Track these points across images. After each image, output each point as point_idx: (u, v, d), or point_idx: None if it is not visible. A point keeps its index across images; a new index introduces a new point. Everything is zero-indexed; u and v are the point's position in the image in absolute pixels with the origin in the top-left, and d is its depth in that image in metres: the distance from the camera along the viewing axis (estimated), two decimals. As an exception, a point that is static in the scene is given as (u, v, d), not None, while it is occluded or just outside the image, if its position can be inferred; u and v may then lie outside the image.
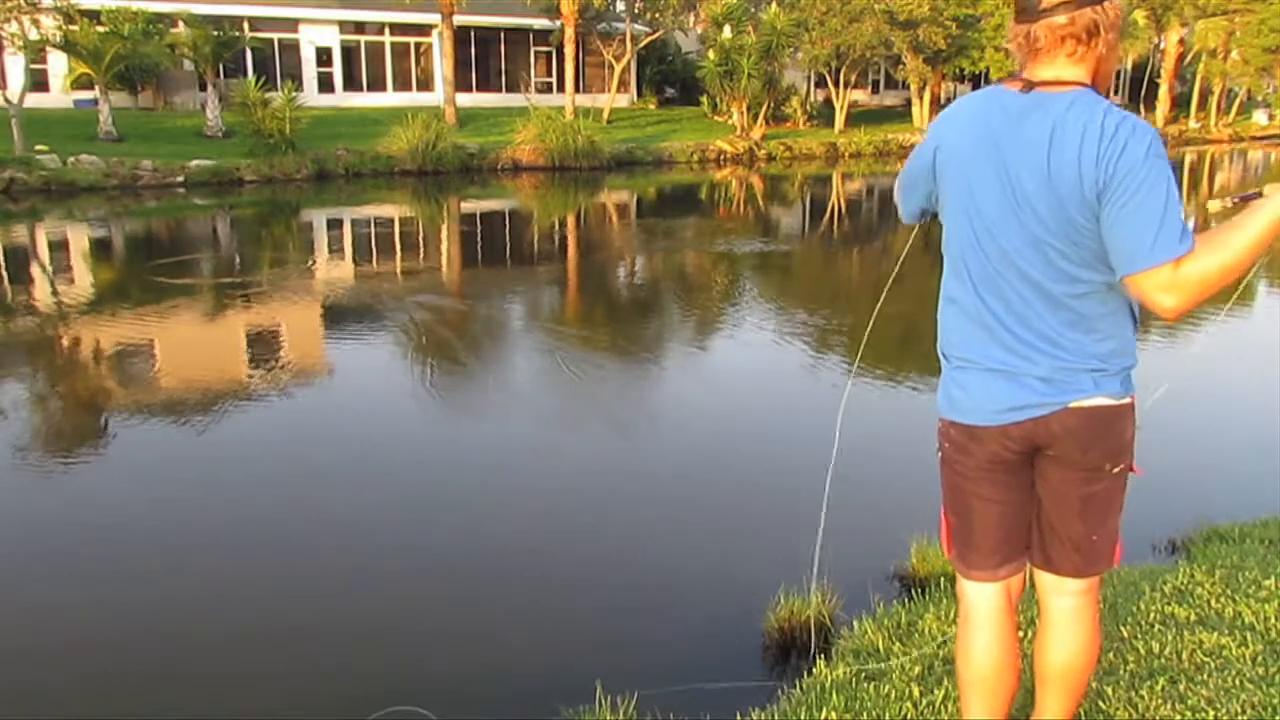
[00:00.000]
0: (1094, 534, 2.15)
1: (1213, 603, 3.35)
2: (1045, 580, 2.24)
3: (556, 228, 17.62)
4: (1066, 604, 2.22)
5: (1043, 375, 2.03)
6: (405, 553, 4.59)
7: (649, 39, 31.50)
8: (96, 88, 22.19)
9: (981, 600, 2.23)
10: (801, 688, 3.05)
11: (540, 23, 30.93)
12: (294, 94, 22.89)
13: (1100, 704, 2.71)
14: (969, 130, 2.05)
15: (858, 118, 34.20)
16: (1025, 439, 2.08)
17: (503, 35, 33.07)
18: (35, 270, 12.66)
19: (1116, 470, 2.11)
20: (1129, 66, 44.38)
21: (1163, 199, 1.82)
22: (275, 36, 29.17)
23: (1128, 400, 2.07)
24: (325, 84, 30.14)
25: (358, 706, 3.39)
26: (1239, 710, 2.65)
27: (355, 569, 4.41)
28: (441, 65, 28.43)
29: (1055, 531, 2.17)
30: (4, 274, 12.23)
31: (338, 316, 9.83)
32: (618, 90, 31.34)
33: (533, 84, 33.06)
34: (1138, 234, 1.83)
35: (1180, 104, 41.20)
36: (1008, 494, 2.16)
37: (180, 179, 20.56)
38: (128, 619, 4.01)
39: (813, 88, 36.59)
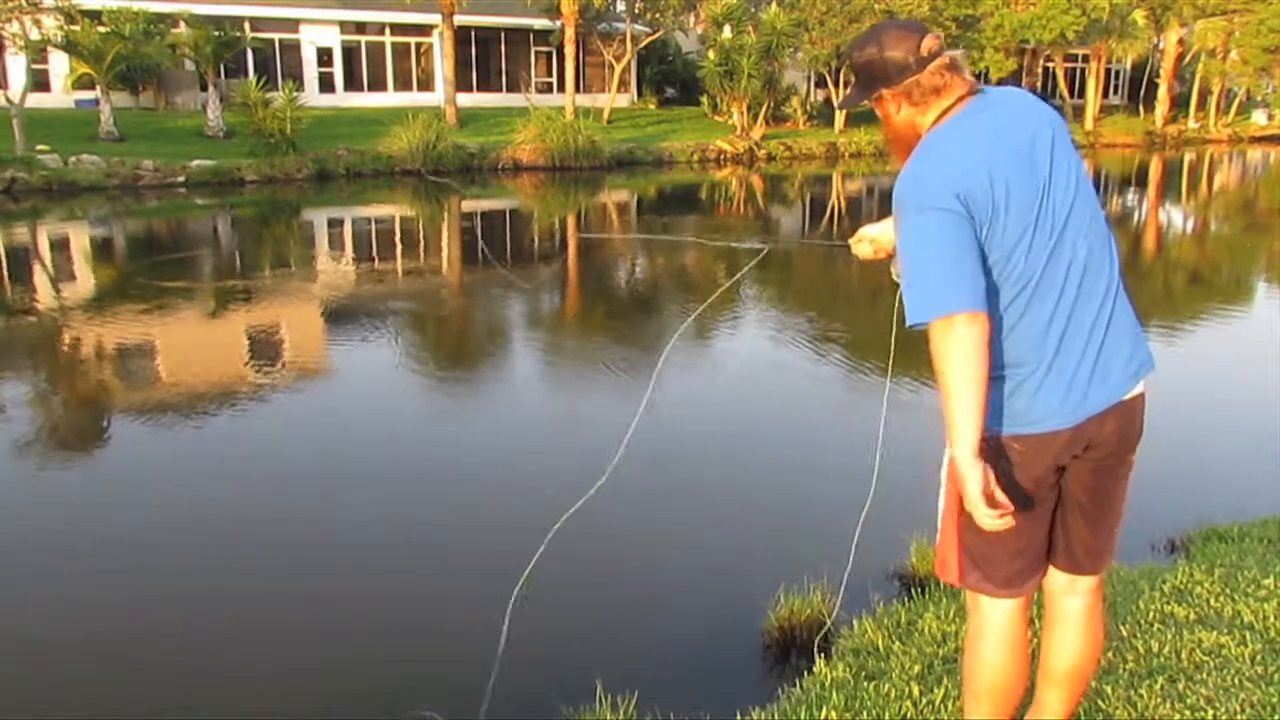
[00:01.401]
0: (1116, 526, 2.20)
1: (1212, 602, 3.36)
2: (1059, 581, 2.24)
3: (557, 227, 17.62)
4: (1080, 604, 2.23)
5: (1120, 352, 2.07)
6: (405, 553, 4.60)
7: (649, 39, 31.49)
8: (98, 88, 22.20)
9: (1003, 615, 2.20)
10: (801, 688, 3.06)
11: (540, 23, 30.92)
12: (295, 94, 22.87)
13: (1100, 703, 2.72)
14: (984, 145, 2.01)
15: (858, 117, 34.13)
16: (1088, 438, 2.07)
17: (503, 35, 33.07)
18: (35, 270, 12.66)
19: (1133, 459, 2.18)
20: (1129, 66, 44.37)
21: None
22: (276, 37, 29.17)
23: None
24: (326, 84, 30.15)
25: (359, 706, 3.41)
26: (1238, 709, 2.66)
27: (355, 570, 4.42)
28: (442, 65, 28.43)
29: (1083, 526, 2.17)
30: (4, 273, 12.23)
31: (338, 317, 9.84)
32: (618, 90, 31.33)
33: (533, 84, 33.06)
34: None
35: (1179, 104, 41.15)
36: (1048, 506, 2.16)
37: (181, 179, 20.57)
38: (128, 619, 4.01)
39: (813, 88, 36.57)
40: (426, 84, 31.84)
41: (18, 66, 22.31)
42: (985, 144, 2.01)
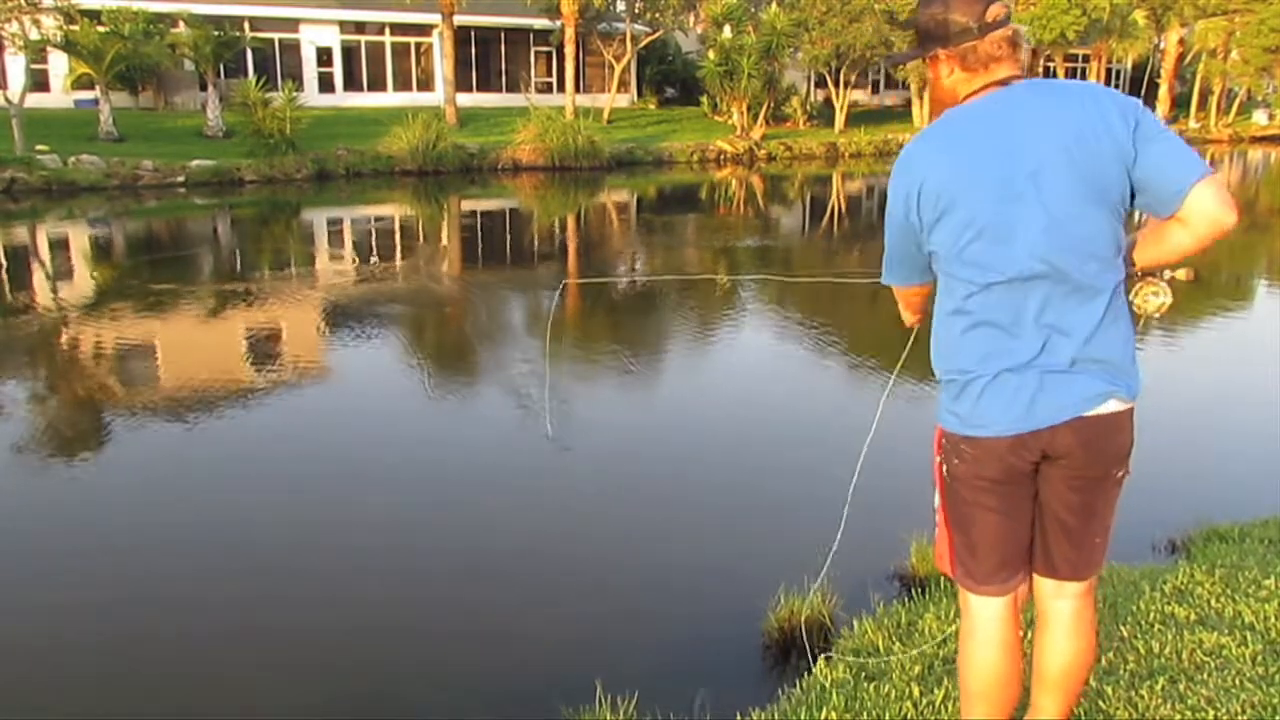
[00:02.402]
0: (1097, 537, 2.18)
1: (1213, 602, 3.36)
2: (1046, 585, 2.23)
3: (557, 228, 17.62)
4: (1067, 607, 2.23)
5: (1085, 374, 2.03)
6: (406, 554, 4.59)
7: (649, 39, 31.49)
8: (97, 88, 22.20)
9: (989, 613, 2.20)
10: (801, 688, 3.05)
11: (540, 23, 30.93)
12: (294, 94, 22.89)
13: (1100, 704, 2.71)
14: (971, 142, 2.01)
15: (858, 118, 34.20)
16: (1040, 448, 2.06)
17: (503, 35, 33.07)
18: (33, 270, 12.65)
19: (1121, 475, 2.14)
20: (1129, 66, 44.40)
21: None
22: (276, 36, 29.17)
23: (1133, 404, 2.10)
24: (325, 84, 30.14)
25: (359, 706, 3.40)
26: (1239, 710, 2.65)
27: (356, 570, 4.41)
28: (442, 65, 28.44)
29: (1061, 537, 2.16)
30: (3, 274, 12.23)
31: (336, 318, 9.82)
32: (618, 90, 31.33)
33: (533, 84, 33.06)
34: (1176, 162, 1.96)
35: (1180, 104, 41.17)
36: (1019, 506, 2.15)
37: (181, 179, 20.57)
38: (129, 619, 4.01)
39: (813, 88, 36.59)
40: (426, 84, 31.83)
41: (17, 66, 22.32)
42: (970, 143, 2.02)
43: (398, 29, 31.24)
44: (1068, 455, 2.07)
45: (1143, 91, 41.81)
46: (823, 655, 3.26)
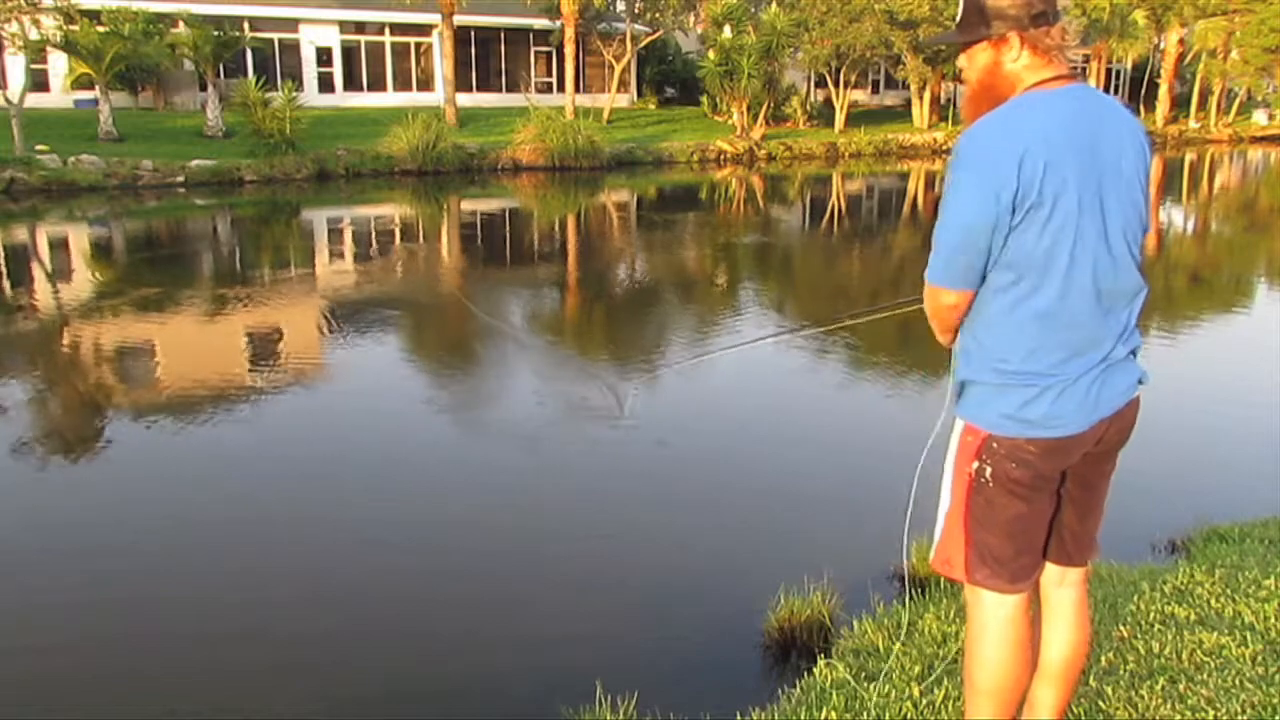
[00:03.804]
0: (1101, 517, 2.25)
1: (1213, 602, 3.35)
2: (1051, 574, 2.26)
3: (557, 227, 17.62)
4: (1071, 595, 2.26)
5: (1129, 363, 2.12)
6: (406, 554, 4.59)
7: (649, 39, 31.49)
8: (97, 88, 22.21)
9: (1006, 610, 2.19)
10: (801, 688, 3.05)
11: (540, 23, 30.94)
12: (294, 94, 22.89)
13: (1100, 704, 2.71)
14: (1061, 134, 1.95)
15: (858, 118, 34.19)
16: (1095, 439, 2.10)
17: (503, 35, 33.07)
18: (34, 270, 12.65)
19: (1118, 452, 2.23)
20: (1129, 67, 44.39)
21: None
22: (275, 36, 29.17)
23: None
24: (325, 84, 30.15)
25: (359, 706, 3.40)
26: (1239, 710, 2.65)
27: (357, 570, 4.41)
28: (442, 65, 28.44)
29: (1076, 520, 2.21)
30: (2, 275, 12.22)
31: (335, 318, 9.82)
32: (618, 90, 31.33)
33: (533, 84, 33.06)
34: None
35: (1180, 104, 41.17)
36: (1052, 500, 2.18)
37: (180, 179, 20.57)
38: (128, 619, 4.01)
39: (813, 88, 36.58)
40: (426, 84, 31.83)
41: (17, 66, 22.31)
42: (1077, 128, 1.96)
43: (398, 29, 31.24)
44: (1106, 440, 2.12)
45: (1143, 92, 41.85)
46: (822, 655, 3.26)
